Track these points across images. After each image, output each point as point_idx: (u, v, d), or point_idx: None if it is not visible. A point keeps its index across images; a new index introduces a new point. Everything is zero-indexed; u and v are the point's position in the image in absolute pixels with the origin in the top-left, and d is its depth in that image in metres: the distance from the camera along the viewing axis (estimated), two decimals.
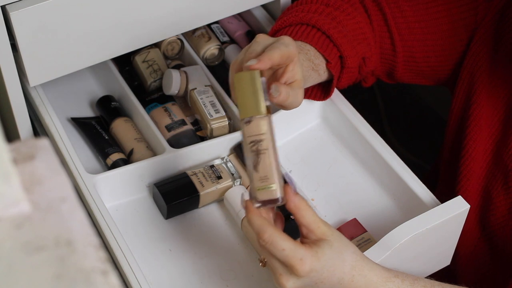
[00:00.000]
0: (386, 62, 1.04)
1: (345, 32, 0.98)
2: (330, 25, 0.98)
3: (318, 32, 0.97)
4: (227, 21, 1.18)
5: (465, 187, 1.01)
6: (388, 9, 1.01)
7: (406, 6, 1.01)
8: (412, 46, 1.02)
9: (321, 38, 0.97)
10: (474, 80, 0.99)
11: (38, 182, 0.50)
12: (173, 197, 0.96)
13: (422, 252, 0.93)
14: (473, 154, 0.99)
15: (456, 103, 1.02)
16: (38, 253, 0.46)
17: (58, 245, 0.46)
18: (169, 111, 1.06)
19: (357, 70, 1.02)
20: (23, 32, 0.91)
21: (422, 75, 1.06)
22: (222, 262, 0.94)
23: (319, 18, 0.98)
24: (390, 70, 1.05)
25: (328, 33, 0.96)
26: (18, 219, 0.48)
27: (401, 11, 1.01)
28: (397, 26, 1.01)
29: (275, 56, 0.82)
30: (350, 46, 0.98)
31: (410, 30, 1.01)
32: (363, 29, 1.00)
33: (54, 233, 0.47)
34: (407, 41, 1.02)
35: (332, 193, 1.00)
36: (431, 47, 1.02)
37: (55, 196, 0.49)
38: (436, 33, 1.01)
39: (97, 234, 0.84)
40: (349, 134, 1.03)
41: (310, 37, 0.97)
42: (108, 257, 0.47)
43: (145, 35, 1.02)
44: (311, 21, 0.97)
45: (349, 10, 1.00)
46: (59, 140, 0.99)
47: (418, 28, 1.01)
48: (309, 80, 0.96)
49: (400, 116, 1.92)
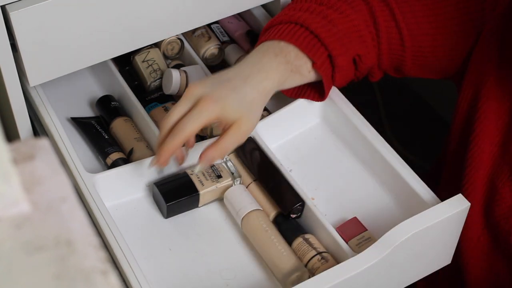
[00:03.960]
0: (394, 57, 1.04)
1: (335, 30, 0.98)
2: (319, 24, 0.98)
3: (306, 31, 0.97)
4: (227, 21, 1.18)
5: (473, 179, 1.01)
6: (395, 4, 1.01)
7: (414, 1, 1.01)
8: (421, 41, 1.02)
9: (308, 38, 0.97)
10: (482, 74, 0.99)
11: (38, 182, 0.50)
12: (173, 196, 0.96)
13: (422, 251, 0.93)
14: (482, 146, 1.00)
15: (464, 96, 1.02)
16: (38, 253, 0.46)
17: (58, 245, 0.46)
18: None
19: (352, 68, 1.02)
20: (23, 32, 0.91)
21: (430, 69, 1.06)
22: (222, 261, 0.94)
23: (308, 17, 0.98)
24: (398, 65, 1.05)
25: (316, 32, 0.97)
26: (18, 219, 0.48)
27: (409, 6, 1.01)
28: (405, 21, 1.01)
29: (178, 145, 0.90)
30: (339, 44, 0.98)
31: (419, 25, 1.01)
32: (358, 27, 1.00)
33: (54, 233, 0.47)
34: (416, 36, 1.02)
35: (332, 192, 1.00)
36: (440, 42, 1.02)
37: (55, 196, 0.49)
38: (445, 27, 1.01)
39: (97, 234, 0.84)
40: (349, 133, 1.03)
41: (295, 37, 0.97)
42: (108, 257, 0.47)
43: (145, 35, 1.02)
44: (299, 19, 0.98)
45: (343, 8, 1.00)
46: (59, 140, 0.99)
47: (427, 23, 1.01)
48: (289, 82, 0.97)
49: (400, 116, 1.92)
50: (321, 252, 0.91)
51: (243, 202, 0.96)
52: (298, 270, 0.90)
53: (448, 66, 1.05)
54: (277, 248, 0.92)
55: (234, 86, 0.93)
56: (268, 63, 0.95)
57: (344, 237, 0.92)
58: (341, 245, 0.91)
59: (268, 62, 0.96)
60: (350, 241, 0.92)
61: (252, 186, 0.99)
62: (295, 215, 0.96)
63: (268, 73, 0.95)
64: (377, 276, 0.89)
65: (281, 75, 0.95)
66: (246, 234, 0.95)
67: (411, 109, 1.95)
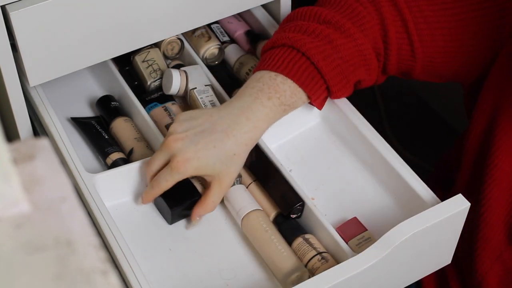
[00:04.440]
0: (403, 66, 1.02)
1: (339, 61, 0.95)
2: (322, 54, 0.94)
3: (307, 61, 0.94)
4: (227, 21, 1.18)
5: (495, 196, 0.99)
6: (409, 14, 0.98)
7: (429, 11, 0.98)
8: (433, 52, 1.00)
9: (307, 71, 0.94)
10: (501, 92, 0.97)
11: (38, 182, 0.50)
12: (176, 202, 0.96)
13: (422, 251, 0.93)
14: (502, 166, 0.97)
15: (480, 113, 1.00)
16: (38, 253, 0.46)
17: (58, 245, 0.46)
18: (169, 110, 1.06)
19: (350, 92, 1.01)
20: (23, 32, 0.91)
21: (440, 76, 1.05)
22: (222, 261, 0.94)
23: (312, 45, 0.95)
24: (407, 72, 1.03)
25: (318, 65, 0.94)
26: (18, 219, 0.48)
27: (424, 17, 0.98)
28: (418, 32, 0.98)
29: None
30: (340, 78, 0.96)
31: (432, 37, 0.98)
32: (364, 51, 0.97)
33: (54, 233, 0.47)
34: (429, 48, 0.99)
35: (332, 192, 1.00)
36: (453, 54, 1.00)
37: (55, 196, 0.49)
38: (458, 40, 0.99)
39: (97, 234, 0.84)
40: (349, 133, 1.03)
41: (294, 70, 0.94)
42: (108, 257, 0.47)
43: (145, 35, 1.02)
44: (303, 47, 0.94)
45: (352, 30, 0.96)
46: (59, 140, 0.99)
47: (441, 35, 0.98)
48: (279, 119, 0.96)
49: (400, 116, 1.92)
50: (321, 252, 0.91)
51: (243, 202, 0.96)
52: (298, 270, 0.90)
53: (459, 76, 1.03)
54: (277, 248, 0.92)
55: (215, 139, 0.90)
56: (258, 110, 0.92)
57: (344, 237, 0.92)
58: (341, 245, 0.91)
59: (259, 109, 0.93)
60: (350, 241, 0.92)
61: (252, 186, 0.99)
62: (295, 215, 0.96)
63: (257, 122, 0.92)
64: (377, 276, 0.89)
65: (271, 119, 0.94)
66: (246, 234, 0.95)
67: (411, 109, 1.95)
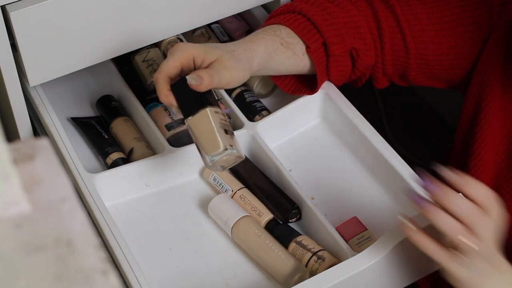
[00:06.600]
0: (398, 64, 1.02)
1: (332, 20, 0.98)
2: (317, 12, 0.98)
3: (303, 18, 0.98)
4: (227, 21, 1.18)
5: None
6: (400, 11, 1.00)
7: (419, 9, 1.00)
8: (425, 49, 1.01)
9: (303, 23, 0.97)
10: (486, 83, 0.98)
11: (38, 182, 0.50)
12: None
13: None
14: (485, 156, 0.98)
15: (467, 105, 1.01)
16: (38, 253, 0.46)
17: (58, 245, 0.46)
18: (169, 110, 1.06)
19: (349, 63, 1.00)
20: (23, 32, 0.91)
21: (435, 77, 1.05)
22: (222, 261, 0.94)
23: (307, 7, 0.99)
24: (403, 72, 1.04)
25: (312, 19, 0.97)
26: (18, 219, 0.48)
27: (414, 14, 1.00)
28: (410, 28, 1.00)
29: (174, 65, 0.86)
30: (335, 34, 0.98)
31: (424, 33, 1.00)
32: (357, 23, 0.99)
33: (54, 233, 0.47)
34: (420, 43, 1.00)
35: (332, 192, 1.00)
36: (445, 50, 1.01)
37: (55, 196, 0.49)
38: (449, 35, 1.00)
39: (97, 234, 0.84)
40: (349, 134, 1.03)
41: (290, 21, 0.98)
42: (108, 257, 0.47)
43: (145, 35, 1.02)
44: (297, 8, 0.98)
45: (344, 3, 1.00)
46: (59, 140, 0.99)
47: (432, 31, 1.00)
48: (280, 56, 0.96)
49: (400, 116, 1.92)
50: (316, 252, 0.91)
51: (230, 210, 0.94)
52: (299, 271, 0.89)
53: (453, 74, 1.04)
54: (273, 251, 0.91)
55: (219, 45, 0.94)
56: (254, 34, 0.97)
57: (344, 237, 0.92)
58: (341, 245, 0.91)
59: (255, 33, 0.97)
60: (350, 241, 0.92)
61: (240, 193, 0.97)
62: (294, 219, 0.95)
63: (253, 38, 0.95)
64: (377, 275, 0.89)
65: (268, 42, 0.95)
66: (238, 243, 0.94)
67: (411, 109, 1.95)
